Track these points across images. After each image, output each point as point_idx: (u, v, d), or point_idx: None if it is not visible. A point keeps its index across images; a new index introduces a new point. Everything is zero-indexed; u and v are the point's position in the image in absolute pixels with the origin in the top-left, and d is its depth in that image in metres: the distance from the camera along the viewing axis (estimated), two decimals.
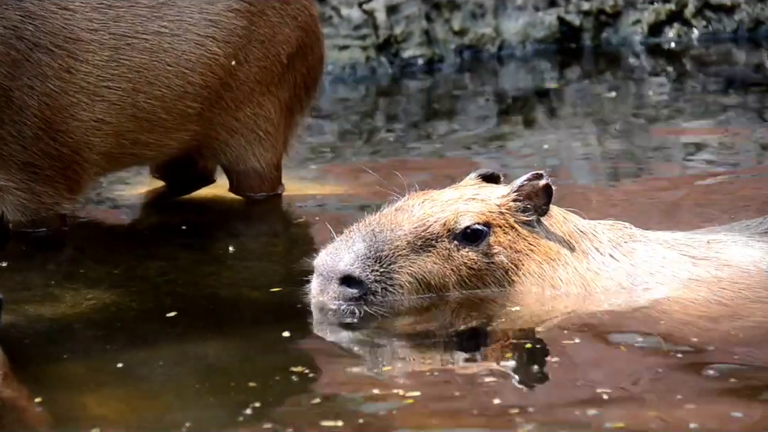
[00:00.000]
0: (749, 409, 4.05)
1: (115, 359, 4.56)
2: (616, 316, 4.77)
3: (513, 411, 4.05)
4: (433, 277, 4.85)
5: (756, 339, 4.61)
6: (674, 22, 9.67)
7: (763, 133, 7.60)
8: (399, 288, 4.83)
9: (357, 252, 4.81)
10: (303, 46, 6.31)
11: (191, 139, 6.14)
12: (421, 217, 4.86)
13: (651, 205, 6.23)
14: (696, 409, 4.06)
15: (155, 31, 5.96)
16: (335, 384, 4.33)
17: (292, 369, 4.41)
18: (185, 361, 4.54)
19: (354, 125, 8.13)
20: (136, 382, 4.37)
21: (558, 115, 8.24)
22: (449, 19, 9.34)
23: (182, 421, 4.07)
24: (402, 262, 4.83)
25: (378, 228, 4.85)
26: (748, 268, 4.91)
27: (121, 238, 6.07)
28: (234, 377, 4.37)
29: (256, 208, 6.32)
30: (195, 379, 4.36)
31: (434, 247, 4.84)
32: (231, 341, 4.71)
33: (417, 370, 4.42)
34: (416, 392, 4.20)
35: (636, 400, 4.12)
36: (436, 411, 4.09)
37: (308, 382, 4.33)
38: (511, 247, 4.88)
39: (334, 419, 4.04)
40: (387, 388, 4.24)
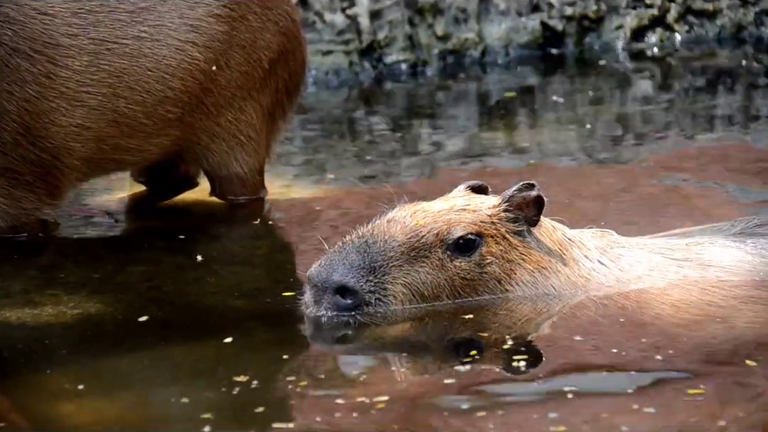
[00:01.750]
0: (742, 410, 4.08)
1: (96, 367, 4.55)
2: (608, 320, 4.79)
3: (509, 413, 4.06)
4: (427, 288, 4.88)
5: (747, 339, 4.64)
6: (657, 27, 9.69)
7: (741, 136, 7.63)
8: (393, 298, 4.86)
9: (351, 263, 4.84)
10: (285, 51, 6.31)
11: (172, 145, 6.13)
12: (414, 227, 4.90)
13: (632, 205, 6.27)
14: (691, 410, 4.08)
15: (135, 36, 5.95)
16: (325, 390, 4.33)
17: (278, 376, 4.41)
18: (168, 368, 4.53)
19: (337, 129, 8.13)
20: (118, 391, 4.36)
21: (540, 118, 8.26)
22: (432, 24, 9.35)
23: (164, 429, 4.05)
24: (396, 273, 4.86)
25: (371, 239, 4.89)
26: (732, 269, 4.99)
27: (103, 243, 6.05)
28: (218, 384, 4.36)
29: (238, 212, 6.31)
30: (178, 388, 4.35)
31: (428, 258, 4.88)
32: (214, 348, 4.70)
33: (403, 377, 4.43)
34: (403, 398, 4.21)
35: (632, 403, 4.13)
36: (418, 416, 4.10)
37: (294, 389, 4.33)
38: (503, 257, 4.92)
39: (324, 423, 4.04)
40: (376, 395, 4.25)
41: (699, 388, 4.24)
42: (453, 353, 4.64)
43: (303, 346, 4.81)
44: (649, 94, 8.78)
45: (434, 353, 4.66)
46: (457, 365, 4.47)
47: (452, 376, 4.38)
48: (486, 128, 8.09)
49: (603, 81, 9.10)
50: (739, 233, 5.14)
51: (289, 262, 5.80)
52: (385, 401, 4.19)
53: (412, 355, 4.64)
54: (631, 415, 4.07)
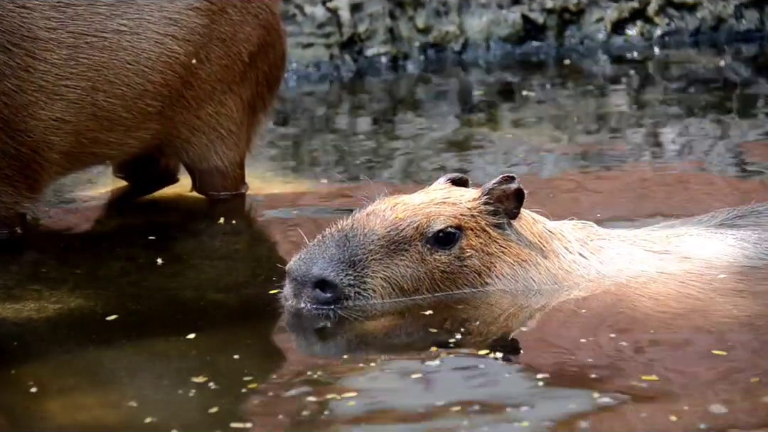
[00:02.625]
0: (728, 402, 4.09)
1: (78, 362, 4.54)
2: (589, 312, 4.80)
3: (481, 408, 4.06)
4: (407, 281, 4.88)
5: (727, 329, 4.65)
6: (637, 20, 9.71)
7: (721, 130, 7.65)
8: (372, 292, 4.85)
9: (331, 256, 4.84)
10: (265, 44, 6.30)
11: (152, 138, 6.12)
12: (393, 221, 4.89)
13: (613, 198, 6.28)
14: (674, 401, 4.09)
15: (114, 30, 5.93)
16: (303, 383, 4.32)
17: (261, 369, 4.41)
18: (150, 363, 4.52)
19: (318, 123, 8.12)
20: (100, 386, 4.35)
21: (522, 115, 8.26)
22: (413, 16, 9.35)
23: (147, 425, 4.05)
24: (375, 267, 4.85)
25: (351, 232, 4.88)
26: (712, 261, 5.00)
27: (84, 238, 6.04)
28: (200, 378, 4.35)
29: (219, 207, 6.30)
30: (161, 382, 4.34)
31: (407, 251, 4.87)
32: (196, 342, 4.70)
33: (382, 370, 4.42)
34: (383, 392, 4.21)
35: (613, 396, 4.15)
36: (392, 409, 4.10)
37: (278, 382, 4.33)
38: (483, 250, 4.92)
39: (306, 419, 4.04)
40: (354, 389, 4.25)
41: (677, 380, 4.25)
42: (431, 346, 4.64)
43: (281, 340, 4.80)
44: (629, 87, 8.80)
45: (412, 347, 4.65)
46: (435, 358, 4.47)
47: (428, 370, 4.38)
48: (467, 121, 8.09)
49: (583, 76, 9.13)
50: (719, 225, 5.15)
51: (269, 256, 5.79)
52: (355, 397, 4.19)
53: (389, 349, 4.64)
54: (606, 410, 4.08)
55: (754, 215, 5.17)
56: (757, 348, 4.50)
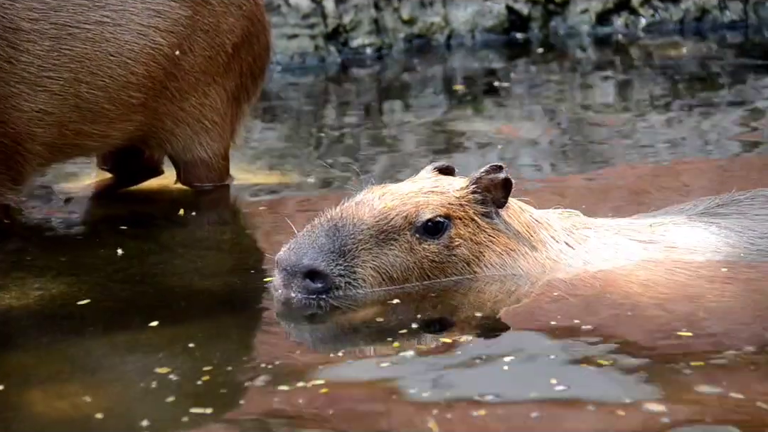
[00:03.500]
0: (712, 388, 4.12)
1: (62, 351, 4.54)
2: (577, 301, 4.82)
3: (473, 398, 4.08)
4: (396, 270, 4.88)
5: (715, 318, 4.68)
6: (622, 11, 9.72)
7: (705, 121, 7.66)
8: (362, 281, 4.85)
9: (321, 246, 4.83)
10: (248, 35, 6.30)
11: (136, 130, 6.11)
12: (382, 210, 4.89)
13: (594, 191, 6.29)
14: (663, 390, 4.11)
15: (97, 21, 5.92)
16: (290, 371, 4.34)
17: (243, 359, 4.41)
18: (134, 352, 4.53)
19: (304, 113, 8.12)
20: (85, 375, 4.35)
21: (506, 103, 8.27)
22: (398, 8, 9.35)
23: (131, 413, 4.06)
24: (365, 256, 4.85)
25: (340, 222, 4.88)
26: (697, 249, 5.02)
27: (68, 227, 6.04)
28: (184, 367, 4.36)
29: (203, 198, 6.30)
30: (145, 371, 4.35)
31: (396, 241, 4.88)
32: (181, 331, 4.70)
33: (361, 359, 4.44)
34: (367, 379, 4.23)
35: (601, 383, 4.16)
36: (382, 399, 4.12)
37: (264, 371, 4.34)
38: (471, 239, 4.93)
39: (290, 406, 4.06)
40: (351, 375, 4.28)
41: (666, 364, 4.27)
42: (424, 333, 4.65)
43: (268, 330, 4.81)
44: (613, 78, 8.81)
45: (397, 337, 4.66)
46: (422, 347, 4.49)
47: (405, 360, 4.39)
48: (452, 109, 8.10)
49: (567, 66, 9.13)
50: (701, 213, 5.18)
51: (256, 246, 5.79)
52: (330, 386, 4.20)
53: (373, 339, 4.65)
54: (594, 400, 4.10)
55: (735, 203, 5.20)
56: (729, 331, 4.53)
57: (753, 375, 4.21)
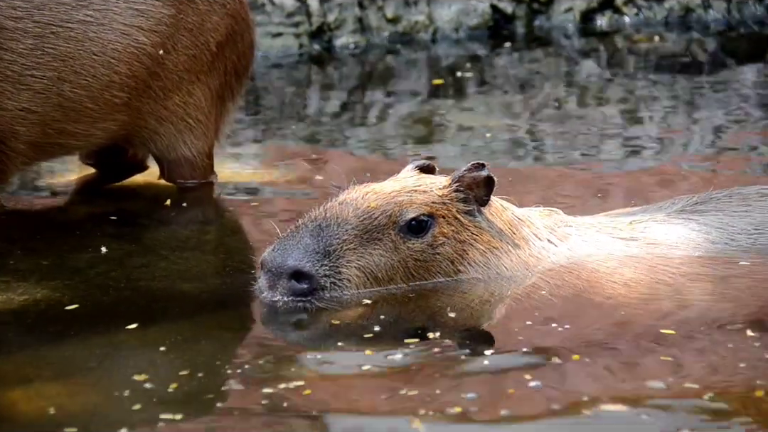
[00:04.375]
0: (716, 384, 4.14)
1: (45, 354, 4.52)
2: (560, 299, 4.82)
3: (442, 400, 4.09)
4: (381, 270, 4.88)
5: (697, 314, 4.70)
6: (606, 10, 9.73)
7: (689, 118, 7.68)
8: (347, 282, 4.84)
9: (306, 247, 4.82)
10: (233, 34, 6.29)
11: (119, 129, 6.10)
12: (366, 210, 4.89)
13: (577, 187, 6.31)
14: (646, 386, 4.13)
15: (80, 20, 5.91)
16: (272, 372, 4.34)
17: (226, 362, 4.41)
18: (117, 355, 4.52)
19: (288, 111, 8.12)
20: (67, 378, 4.34)
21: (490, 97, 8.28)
22: (382, 6, 9.35)
23: (114, 416, 4.06)
24: (350, 256, 4.84)
25: (325, 222, 4.87)
26: (677, 246, 5.04)
27: (52, 227, 6.02)
28: (163, 370, 4.35)
29: (188, 196, 6.29)
30: (128, 373, 4.34)
31: (381, 240, 4.87)
32: (164, 333, 4.69)
33: (342, 361, 4.44)
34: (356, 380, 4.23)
35: (585, 380, 4.17)
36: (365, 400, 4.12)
37: (245, 371, 4.34)
38: (455, 238, 4.93)
39: (268, 410, 4.06)
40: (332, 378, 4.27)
41: (651, 364, 4.29)
42: (409, 334, 4.64)
43: (251, 332, 4.80)
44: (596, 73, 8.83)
45: (381, 338, 4.66)
46: (400, 349, 4.49)
47: (391, 363, 4.40)
48: (435, 104, 8.10)
49: (551, 60, 9.14)
50: (680, 211, 5.20)
51: (239, 246, 5.78)
52: (312, 387, 4.20)
53: (356, 341, 4.64)
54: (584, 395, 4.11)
55: (713, 201, 5.22)
56: (709, 328, 4.55)
57: (733, 371, 4.23)
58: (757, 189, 5.28)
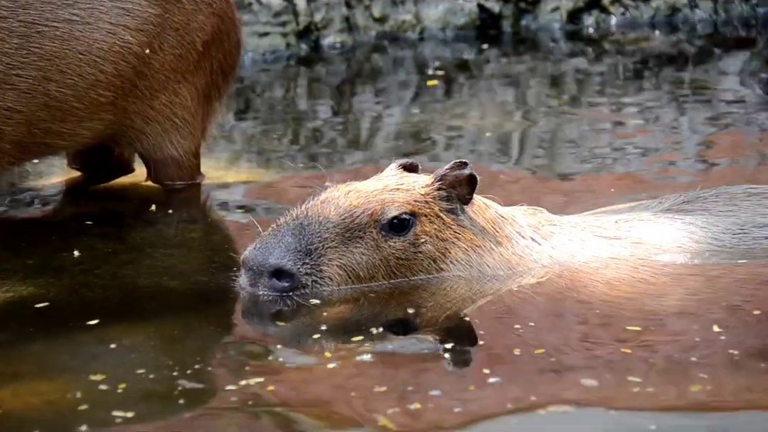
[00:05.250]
0: (678, 385, 4.14)
1: (31, 352, 4.52)
2: (543, 298, 4.83)
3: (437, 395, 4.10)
4: (362, 268, 4.88)
5: (679, 314, 4.71)
6: (592, 9, 9.75)
7: (677, 115, 7.70)
8: (329, 280, 4.85)
9: (287, 245, 4.83)
10: (219, 33, 6.29)
11: (105, 129, 6.09)
12: (347, 208, 4.89)
13: (559, 187, 6.33)
14: (629, 386, 4.13)
15: (66, 19, 5.90)
16: (257, 371, 4.33)
17: (210, 358, 4.41)
18: (103, 353, 4.51)
19: (273, 112, 8.11)
20: (54, 375, 4.34)
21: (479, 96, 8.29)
22: (369, 5, 9.35)
23: (98, 413, 4.05)
24: (331, 254, 4.85)
25: (306, 221, 4.87)
26: (662, 246, 5.05)
27: (37, 228, 6.01)
28: (153, 367, 4.35)
29: (174, 197, 6.28)
30: (113, 371, 4.33)
31: (362, 239, 4.88)
32: (150, 331, 4.69)
33: (341, 356, 4.44)
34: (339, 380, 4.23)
35: (568, 379, 4.18)
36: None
37: (228, 369, 4.34)
38: (437, 236, 4.93)
39: (253, 406, 4.06)
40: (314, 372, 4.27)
41: (637, 366, 4.30)
42: (390, 331, 4.65)
43: (235, 328, 4.79)
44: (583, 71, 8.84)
45: (358, 334, 4.66)
46: (380, 346, 4.49)
47: (363, 359, 4.40)
48: (422, 104, 8.11)
49: (539, 59, 9.16)
50: (666, 210, 5.21)
51: (225, 245, 5.78)
52: (293, 383, 4.21)
53: (334, 336, 4.64)
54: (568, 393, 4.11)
55: (700, 200, 5.24)
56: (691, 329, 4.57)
57: (719, 371, 4.24)
58: (745, 188, 5.29)
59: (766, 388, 4.10)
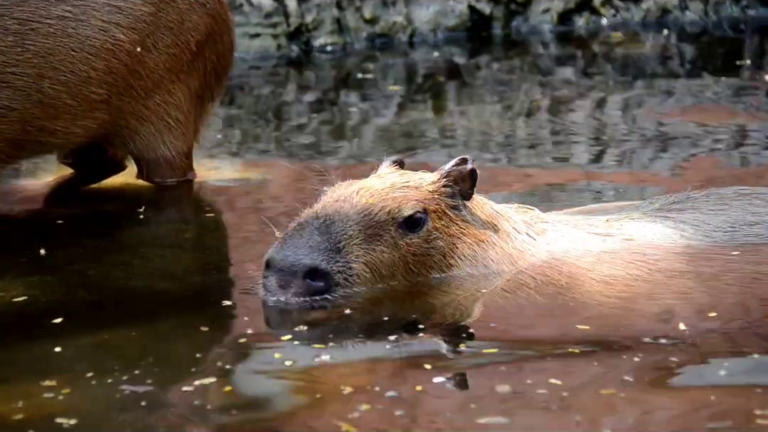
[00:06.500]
0: (670, 385, 4.15)
1: (21, 351, 4.50)
2: (547, 296, 4.84)
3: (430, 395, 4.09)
4: (384, 266, 4.84)
5: (675, 312, 4.72)
6: (583, 11, 9.77)
7: (664, 117, 7.72)
8: (356, 278, 4.79)
9: (317, 244, 4.76)
10: (212, 33, 6.29)
11: (99, 128, 6.09)
12: (365, 206, 4.85)
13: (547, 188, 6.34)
14: (626, 381, 4.15)
15: (59, 16, 5.90)
16: (251, 375, 4.33)
17: (200, 361, 4.40)
18: (94, 353, 4.50)
19: (265, 110, 8.11)
20: (43, 376, 4.31)
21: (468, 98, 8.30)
22: (360, 7, 9.35)
23: (89, 413, 4.05)
24: (358, 252, 4.79)
25: (329, 219, 4.81)
26: (654, 243, 5.08)
27: (29, 227, 6.00)
28: (144, 366, 4.34)
29: (166, 195, 6.28)
30: (104, 372, 4.31)
31: (382, 236, 4.84)
32: (142, 331, 4.67)
33: (360, 358, 4.43)
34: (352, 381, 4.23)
35: (573, 377, 4.20)
36: None
37: (220, 373, 4.33)
38: (446, 232, 4.93)
39: (249, 410, 4.06)
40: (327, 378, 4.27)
41: (632, 362, 4.31)
42: (384, 337, 4.64)
43: (228, 330, 4.76)
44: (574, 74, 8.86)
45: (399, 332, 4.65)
46: (390, 346, 4.49)
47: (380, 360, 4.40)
48: (412, 105, 8.11)
49: (528, 61, 9.17)
50: (657, 209, 5.24)
51: (217, 244, 5.77)
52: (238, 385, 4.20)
53: (368, 335, 4.63)
54: None
55: (690, 201, 5.27)
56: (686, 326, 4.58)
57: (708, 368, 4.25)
58: (735, 189, 5.33)
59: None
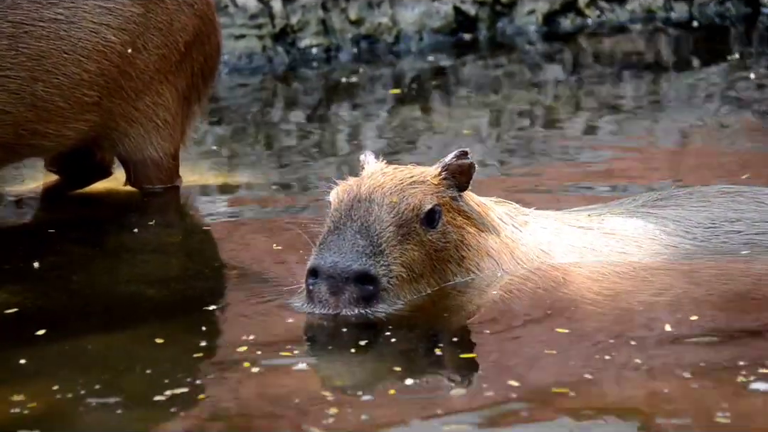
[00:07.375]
0: (658, 381, 4.15)
1: (7, 357, 4.47)
2: (530, 294, 4.85)
3: None
4: (417, 265, 4.80)
5: (659, 306, 4.74)
6: (568, 12, 9.78)
7: (655, 117, 7.75)
8: (397, 280, 4.74)
9: (363, 248, 4.69)
10: (200, 34, 6.29)
11: (90, 130, 6.08)
12: (390, 205, 4.80)
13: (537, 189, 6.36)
14: (618, 377, 4.17)
15: (51, 18, 5.89)
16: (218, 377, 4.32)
17: (188, 366, 4.38)
18: (79, 359, 4.48)
19: (251, 114, 8.11)
20: (26, 382, 4.29)
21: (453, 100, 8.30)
22: (345, 8, 9.35)
23: (76, 418, 4.03)
24: (396, 253, 4.74)
25: (365, 222, 4.74)
26: (635, 238, 5.09)
27: (13, 233, 5.97)
28: (130, 372, 4.32)
29: (152, 201, 6.26)
30: (88, 378, 4.30)
31: (410, 234, 4.79)
32: (127, 338, 4.66)
33: None
34: None
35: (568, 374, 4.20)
36: None
37: (205, 380, 4.31)
38: (453, 224, 4.92)
39: (243, 419, 4.04)
40: None
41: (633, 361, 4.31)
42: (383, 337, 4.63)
43: (214, 337, 4.73)
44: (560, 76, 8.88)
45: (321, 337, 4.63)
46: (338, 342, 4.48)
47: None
48: (399, 108, 8.12)
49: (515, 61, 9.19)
50: (641, 206, 5.27)
51: (204, 250, 5.76)
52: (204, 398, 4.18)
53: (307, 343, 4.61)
54: None
55: (674, 198, 5.30)
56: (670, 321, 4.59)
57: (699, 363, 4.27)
58: (718, 188, 5.36)
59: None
